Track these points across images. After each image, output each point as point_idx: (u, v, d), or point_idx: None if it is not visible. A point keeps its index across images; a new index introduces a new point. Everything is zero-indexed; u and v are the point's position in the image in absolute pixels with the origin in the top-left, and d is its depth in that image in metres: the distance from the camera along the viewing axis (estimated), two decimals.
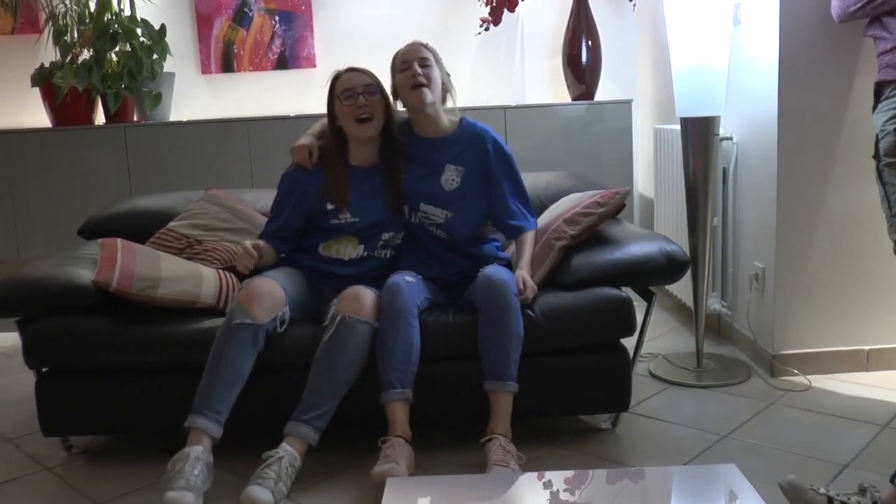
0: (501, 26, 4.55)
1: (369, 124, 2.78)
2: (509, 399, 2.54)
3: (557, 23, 4.65)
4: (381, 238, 2.86)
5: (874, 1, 2.78)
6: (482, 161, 2.84)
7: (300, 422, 2.44)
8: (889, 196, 2.83)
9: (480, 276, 2.64)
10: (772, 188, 3.25)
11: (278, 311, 2.57)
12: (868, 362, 3.31)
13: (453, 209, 2.82)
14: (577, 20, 4.49)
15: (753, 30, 3.36)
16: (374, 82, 2.81)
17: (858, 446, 2.64)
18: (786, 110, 3.18)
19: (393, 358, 2.52)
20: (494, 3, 4.45)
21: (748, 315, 3.51)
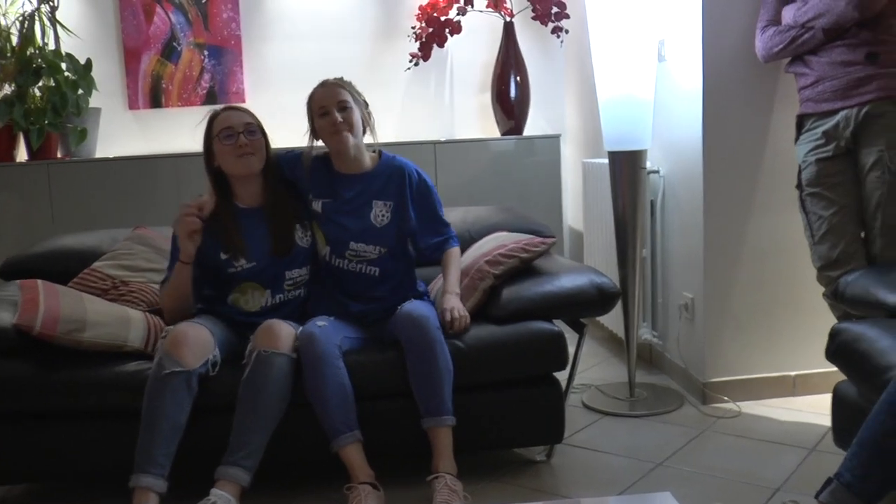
0: (431, 62, 4.58)
1: (251, 158, 2.69)
2: (448, 433, 2.52)
3: (486, 58, 4.71)
4: (287, 279, 2.78)
5: (795, 42, 2.90)
6: (406, 193, 2.83)
7: (229, 464, 2.38)
8: (812, 225, 2.93)
9: (400, 312, 2.62)
10: (698, 219, 3.32)
11: (208, 355, 2.51)
12: (795, 387, 3.38)
13: (386, 244, 2.80)
14: (505, 56, 4.54)
15: (677, 65, 3.45)
16: (255, 121, 2.74)
17: (789, 469, 2.69)
18: (710, 143, 3.26)
19: (330, 404, 2.49)
20: (424, 38, 4.49)
21: (679, 344, 3.56)
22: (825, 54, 2.85)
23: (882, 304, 2.49)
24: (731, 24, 3.20)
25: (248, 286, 2.74)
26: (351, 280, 2.80)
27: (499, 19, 4.53)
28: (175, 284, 2.67)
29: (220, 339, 2.59)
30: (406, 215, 2.83)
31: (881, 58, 2.78)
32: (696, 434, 3.04)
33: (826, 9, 2.80)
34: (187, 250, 2.63)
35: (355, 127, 2.74)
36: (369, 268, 2.80)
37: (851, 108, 2.81)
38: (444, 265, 2.87)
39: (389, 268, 2.82)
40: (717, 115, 3.25)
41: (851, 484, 1.95)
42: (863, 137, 2.82)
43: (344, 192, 2.81)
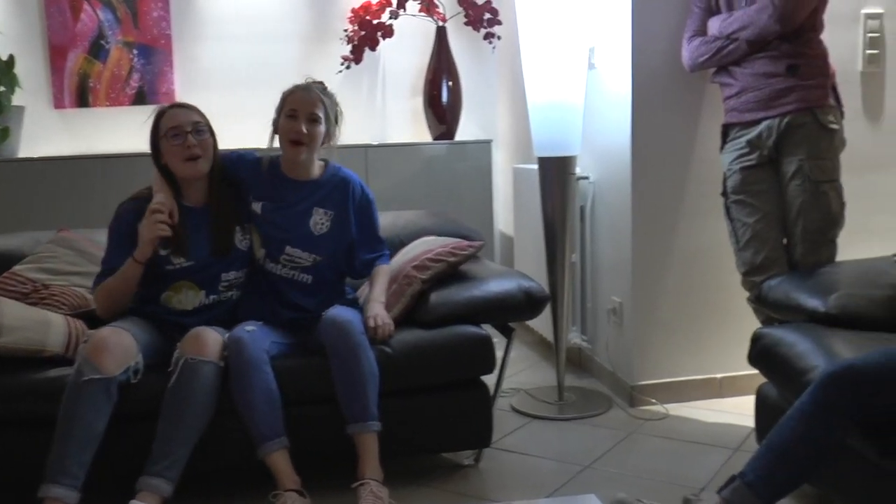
0: (363, 65, 4.57)
1: (198, 162, 2.66)
2: (374, 439, 2.51)
3: (419, 63, 4.71)
4: (222, 280, 2.74)
5: (721, 52, 2.97)
6: (348, 205, 2.83)
7: (151, 475, 2.33)
8: (736, 231, 3.00)
9: (325, 318, 2.61)
10: (627, 225, 3.37)
11: (130, 362, 2.45)
12: (721, 389, 3.46)
13: (321, 253, 2.79)
14: (438, 61, 4.55)
15: (607, 73, 3.50)
16: (203, 120, 2.71)
17: (713, 469, 2.74)
18: (638, 150, 3.31)
19: (257, 410, 2.46)
20: (356, 41, 4.48)
21: (607, 348, 3.61)
22: (748, 66, 2.92)
23: (802, 308, 2.56)
24: (660, 33, 3.26)
25: (182, 285, 2.70)
26: (283, 286, 2.78)
27: (431, 24, 4.54)
28: (121, 281, 2.61)
29: (144, 344, 2.54)
30: (346, 227, 2.82)
31: (801, 70, 2.85)
32: (623, 436, 3.09)
33: (749, 21, 2.87)
34: (146, 253, 2.59)
35: (315, 142, 2.73)
36: (302, 275, 2.78)
37: (774, 118, 2.88)
38: (372, 275, 2.86)
39: (322, 277, 2.81)
40: (645, 123, 3.31)
41: (753, 484, 2.00)
42: (784, 147, 2.89)
43: (286, 197, 2.79)
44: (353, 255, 2.87)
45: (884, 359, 2.01)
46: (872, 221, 3.47)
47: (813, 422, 1.99)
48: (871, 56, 3.49)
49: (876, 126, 3.55)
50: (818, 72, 2.89)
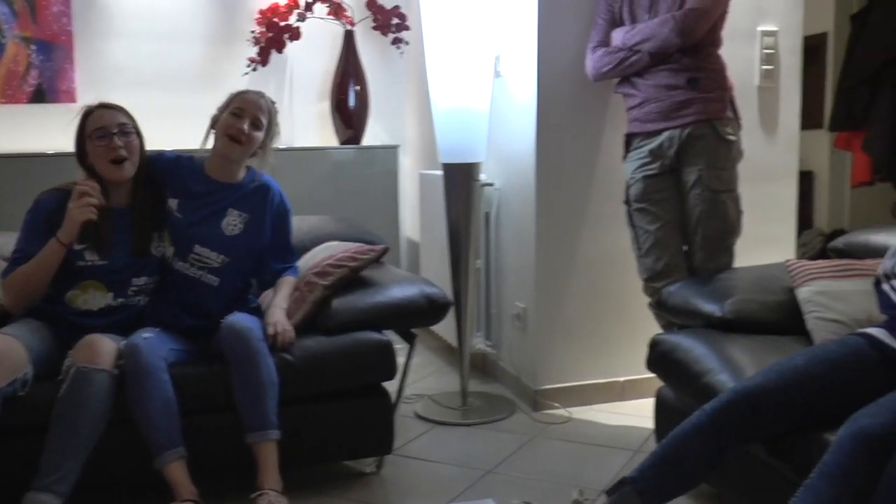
0: (270, 67, 4.50)
1: (124, 165, 2.61)
2: (273, 447, 2.46)
3: (326, 66, 4.66)
4: (132, 284, 2.67)
5: (624, 63, 3.03)
6: (264, 211, 2.79)
7: (40, 489, 2.22)
8: (638, 238, 3.06)
9: (224, 325, 2.56)
10: (531, 231, 3.40)
11: (18, 373, 2.34)
12: (624, 392, 3.51)
13: (230, 255, 2.73)
14: (345, 64, 4.52)
15: (513, 81, 3.53)
16: (130, 121, 2.65)
17: (615, 471, 2.78)
18: (543, 158, 3.35)
19: (154, 419, 2.39)
20: (263, 43, 4.41)
21: (511, 353, 3.63)
22: (650, 77, 2.98)
23: (700, 313, 2.63)
24: (565, 43, 3.31)
25: (90, 284, 2.61)
26: (189, 287, 2.72)
27: (339, 27, 4.50)
28: (41, 266, 2.51)
29: (36, 353, 2.43)
30: (260, 233, 2.79)
31: (701, 83, 2.93)
32: (526, 440, 3.11)
33: (652, 34, 2.93)
34: (72, 234, 2.50)
35: (251, 145, 2.71)
36: (209, 276, 2.72)
37: (675, 128, 2.95)
38: (277, 284, 2.82)
39: (229, 281, 2.76)
40: (549, 131, 3.34)
41: (643, 491, 2.04)
42: (685, 157, 2.96)
43: (202, 195, 2.75)
44: (263, 264, 2.83)
45: (780, 380, 2.04)
46: (767, 229, 3.59)
47: (707, 441, 2.03)
48: (766, 71, 3.61)
49: (771, 139, 3.67)
50: (717, 85, 2.97)
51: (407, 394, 3.42)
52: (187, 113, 3.17)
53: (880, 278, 2.19)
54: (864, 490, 1.69)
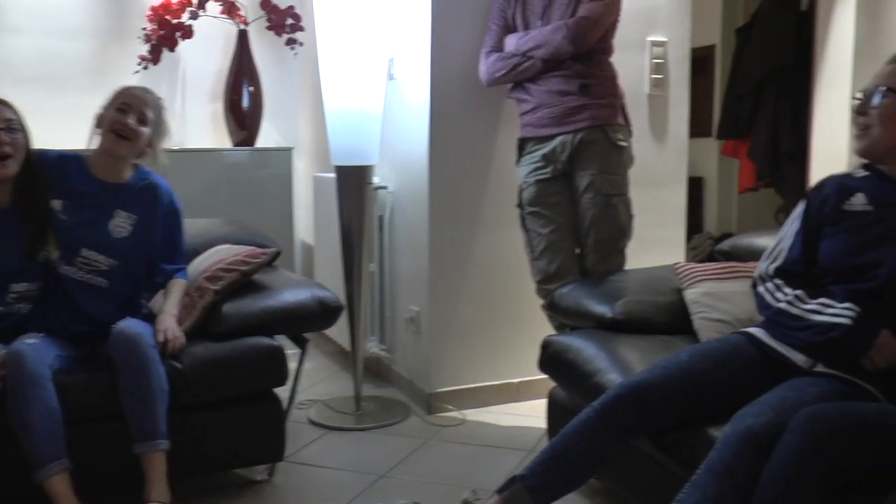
0: (162, 66, 4.37)
1: (7, 163, 2.49)
2: (162, 458, 2.38)
3: (219, 66, 4.56)
4: (11, 290, 2.54)
5: (517, 69, 3.05)
6: (153, 211, 2.71)
7: None
8: (531, 241, 3.09)
9: (114, 331, 2.46)
10: (425, 235, 3.39)
11: None
12: (518, 393, 3.54)
13: (119, 258, 2.64)
14: (239, 64, 4.43)
15: (407, 85, 3.52)
16: (16, 117, 2.54)
17: (508, 472, 2.74)
18: (437, 162, 3.35)
19: (36, 430, 2.26)
20: (154, 41, 4.29)
21: (405, 356, 3.62)
22: (543, 83, 3.01)
23: (591, 315, 2.67)
24: (458, 47, 3.31)
25: None
26: (77, 292, 2.60)
27: (233, 26, 4.41)
28: None
29: None
30: (149, 234, 2.70)
31: (592, 89, 2.97)
32: (420, 444, 3.10)
33: (544, 41, 2.96)
34: None
35: (137, 142, 2.63)
36: (98, 280, 2.62)
37: (567, 134, 2.98)
38: (167, 287, 2.73)
39: (118, 285, 2.65)
40: (443, 135, 3.35)
41: (533, 488, 2.05)
42: (577, 162, 3.00)
43: (88, 196, 2.64)
44: (152, 266, 2.74)
45: (665, 375, 2.10)
46: (658, 233, 3.68)
47: (596, 437, 2.07)
48: (656, 80, 3.70)
49: (661, 145, 3.76)
50: (608, 92, 3.02)
51: (300, 399, 3.38)
52: (75, 111, 3.04)
53: (756, 280, 2.26)
54: (747, 486, 1.74)
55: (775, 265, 2.22)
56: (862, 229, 2.10)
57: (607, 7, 2.96)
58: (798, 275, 2.18)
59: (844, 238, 2.12)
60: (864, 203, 2.12)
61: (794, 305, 2.10)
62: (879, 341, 1.95)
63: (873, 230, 2.09)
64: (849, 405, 1.82)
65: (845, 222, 2.13)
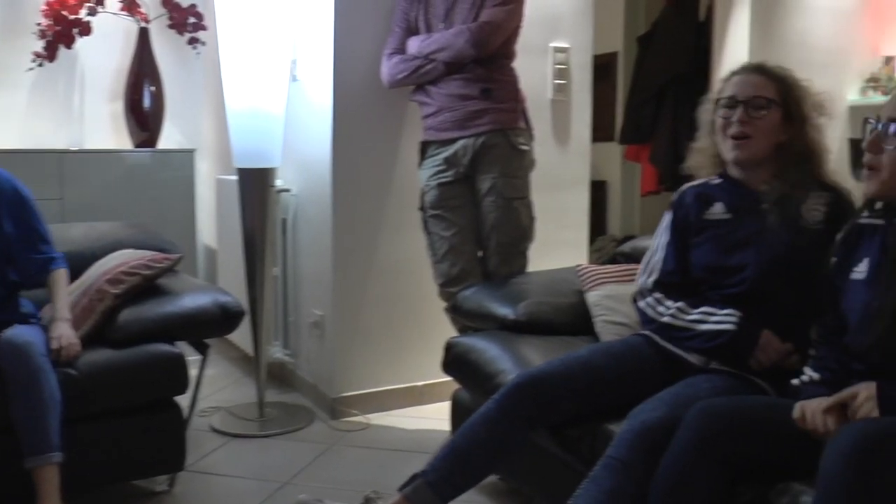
0: (59, 64, 4.24)
1: None
2: (54, 472, 2.28)
3: (119, 65, 4.44)
4: None
5: (419, 71, 3.06)
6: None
7: None
8: (434, 244, 3.10)
9: (2, 340, 2.36)
10: (328, 238, 3.37)
11: None
12: (423, 397, 3.54)
13: None
14: (139, 63, 4.32)
15: (310, 86, 3.49)
16: None
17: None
18: (340, 165, 3.33)
19: None
20: (50, 37, 4.15)
21: (309, 361, 3.60)
22: (445, 86, 3.03)
23: (494, 317, 2.70)
24: (362, 49, 3.30)
25: None
26: None
27: (133, 24, 4.31)
28: None
29: None
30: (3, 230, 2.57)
31: (494, 94, 3.00)
32: (324, 449, 3.08)
33: (447, 44, 2.97)
34: None
35: None
36: None
37: (469, 137, 3.00)
38: (50, 289, 2.62)
39: None
40: (346, 137, 3.33)
41: (434, 483, 2.06)
42: (479, 165, 3.02)
43: None
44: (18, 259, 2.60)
45: (563, 367, 2.16)
46: (562, 235, 3.74)
47: (495, 427, 2.09)
48: (559, 85, 3.76)
49: (564, 149, 3.82)
50: (510, 96, 3.05)
51: (203, 406, 3.33)
52: None
53: (636, 295, 2.32)
54: (643, 479, 1.78)
55: (653, 278, 2.28)
56: (724, 236, 2.19)
57: (510, 13, 2.99)
58: (676, 285, 2.25)
59: (710, 246, 2.21)
60: (724, 211, 2.22)
61: (677, 318, 2.17)
62: (762, 342, 2.04)
63: (735, 236, 2.18)
64: (740, 399, 1.89)
65: (709, 231, 2.22)
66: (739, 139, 2.17)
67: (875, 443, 1.47)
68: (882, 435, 1.49)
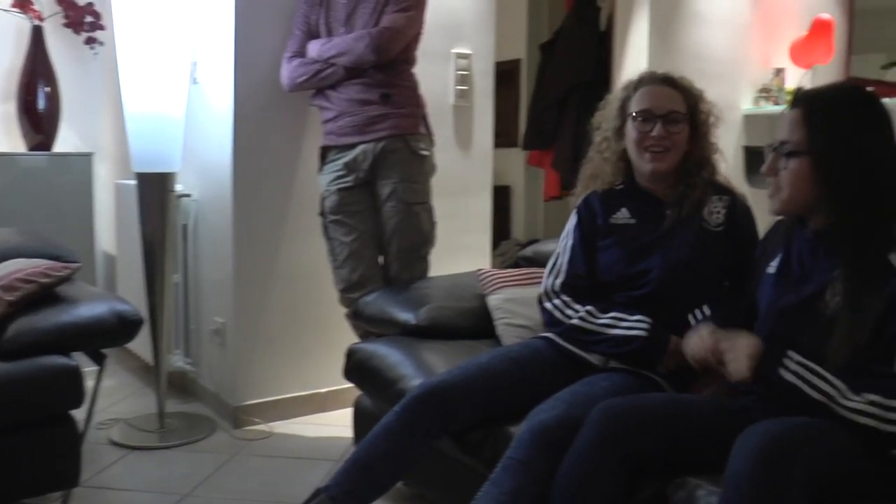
0: None
1: None
2: None
3: (12, 64, 4.29)
4: None
5: (319, 75, 3.04)
6: None
7: None
8: (334, 250, 3.08)
9: None
10: (229, 244, 3.33)
11: None
12: (326, 403, 3.52)
13: None
14: (33, 63, 4.18)
15: (210, 89, 3.44)
16: None
17: (315, 483, 2.66)
18: (241, 169, 3.29)
19: None
20: None
21: (211, 370, 3.54)
22: (344, 91, 3.02)
23: (395, 322, 2.71)
24: (263, 51, 3.26)
25: None
26: None
27: (26, 21, 4.17)
28: None
29: None
30: None
31: (394, 99, 3.01)
32: (226, 459, 3.03)
33: (347, 49, 2.97)
34: None
35: None
36: None
37: (369, 143, 3.00)
38: None
39: None
40: (247, 142, 3.29)
41: (337, 497, 2.05)
42: (379, 170, 3.02)
43: None
44: None
45: (463, 376, 2.16)
46: (465, 240, 3.77)
47: (397, 440, 2.09)
48: (461, 91, 3.79)
49: (466, 154, 3.85)
50: (410, 101, 3.07)
51: (101, 419, 3.26)
52: None
53: (542, 297, 2.35)
54: (544, 478, 1.80)
55: (560, 280, 2.32)
56: (630, 241, 2.25)
57: (410, 19, 3.00)
58: (583, 288, 2.29)
59: (616, 250, 2.27)
60: (628, 217, 2.27)
61: (586, 321, 2.21)
62: (671, 348, 2.10)
63: (640, 241, 2.24)
64: (641, 398, 1.93)
65: (615, 235, 2.28)
66: (658, 152, 2.22)
67: (781, 442, 1.53)
68: (788, 435, 1.56)
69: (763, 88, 5.28)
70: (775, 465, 1.49)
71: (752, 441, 1.55)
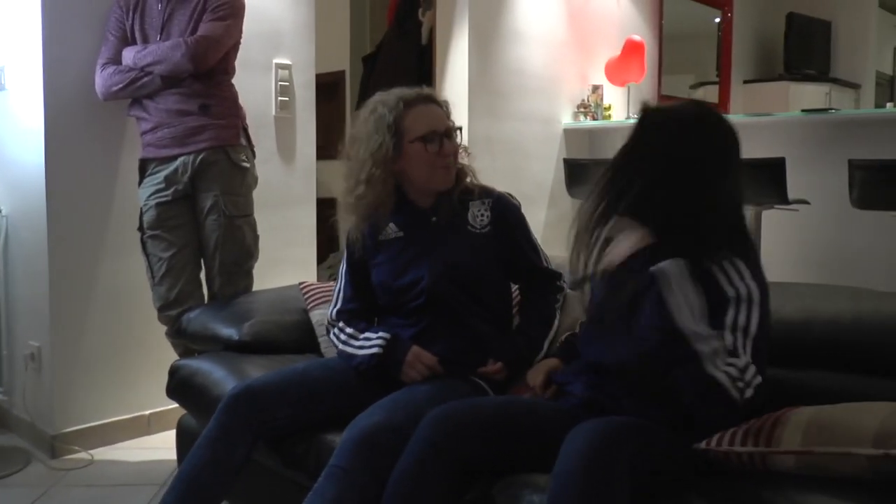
0: None
1: None
2: None
3: None
4: None
5: (134, 84, 2.94)
6: None
7: None
8: (152, 266, 2.99)
9: None
10: (44, 263, 3.16)
11: None
12: (150, 426, 3.41)
13: None
14: None
15: (19, 98, 3.26)
16: None
17: None
18: (54, 183, 3.13)
19: None
20: None
21: (25, 397, 3.34)
22: (162, 101, 2.94)
23: (219, 338, 2.65)
24: (75, 58, 3.12)
25: None
26: None
27: None
28: None
29: None
30: None
31: (213, 110, 2.95)
32: (42, 492, 2.87)
33: (163, 57, 2.89)
34: None
35: None
36: None
37: (188, 154, 2.93)
38: None
39: None
40: (60, 154, 3.14)
41: None
42: (200, 183, 2.96)
43: None
44: None
45: (279, 377, 2.18)
46: (287, 253, 3.74)
47: (217, 445, 2.05)
48: (282, 102, 3.76)
49: (289, 166, 3.83)
50: (230, 112, 3.02)
51: None
52: None
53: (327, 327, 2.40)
54: (367, 485, 1.80)
55: (336, 308, 2.37)
56: (399, 254, 2.30)
57: (228, 28, 2.96)
58: (356, 312, 2.34)
59: (386, 266, 2.31)
60: (396, 231, 2.31)
61: (347, 345, 2.26)
62: (409, 359, 2.16)
63: (409, 252, 2.29)
64: (472, 402, 1.96)
65: (385, 252, 2.32)
66: (448, 166, 2.27)
67: (608, 440, 1.59)
68: (614, 433, 1.61)
69: (581, 104, 5.53)
70: (601, 462, 1.55)
71: (580, 439, 1.60)
